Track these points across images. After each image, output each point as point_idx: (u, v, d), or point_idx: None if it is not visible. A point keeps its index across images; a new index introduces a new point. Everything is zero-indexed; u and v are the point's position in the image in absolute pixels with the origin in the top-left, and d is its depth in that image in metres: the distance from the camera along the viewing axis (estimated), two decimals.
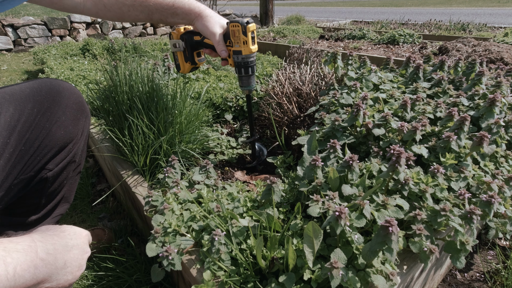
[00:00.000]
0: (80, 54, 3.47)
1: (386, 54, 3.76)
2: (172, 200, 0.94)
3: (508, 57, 2.61)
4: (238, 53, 1.06)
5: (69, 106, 0.86)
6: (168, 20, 1.04)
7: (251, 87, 1.16)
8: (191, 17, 1.04)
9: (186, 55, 1.14)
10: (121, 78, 1.29)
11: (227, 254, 0.77)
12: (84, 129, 0.92)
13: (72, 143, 0.88)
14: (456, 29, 5.81)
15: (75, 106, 0.88)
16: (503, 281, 1.03)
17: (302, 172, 0.93)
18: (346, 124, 1.12)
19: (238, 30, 1.02)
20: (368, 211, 0.73)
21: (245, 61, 1.08)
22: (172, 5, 1.01)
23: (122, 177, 1.21)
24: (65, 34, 5.75)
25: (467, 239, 0.76)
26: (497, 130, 1.04)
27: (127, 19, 1.01)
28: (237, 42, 1.04)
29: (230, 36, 1.04)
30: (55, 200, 0.94)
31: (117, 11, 0.98)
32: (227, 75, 2.17)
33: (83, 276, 1.15)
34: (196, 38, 1.10)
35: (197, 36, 1.09)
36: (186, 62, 1.16)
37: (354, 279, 0.66)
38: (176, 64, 1.17)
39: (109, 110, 1.32)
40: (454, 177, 0.91)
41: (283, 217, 0.89)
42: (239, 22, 1.01)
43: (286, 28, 5.70)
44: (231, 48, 1.06)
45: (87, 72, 2.55)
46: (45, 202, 0.92)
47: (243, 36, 1.03)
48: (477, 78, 1.32)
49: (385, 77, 1.43)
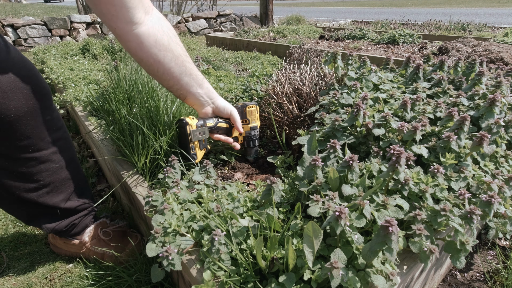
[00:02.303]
0: (80, 54, 3.47)
1: (386, 54, 3.76)
2: (172, 200, 0.94)
3: (508, 57, 2.61)
4: (255, 128, 1.31)
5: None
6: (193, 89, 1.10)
7: (254, 156, 1.37)
8: (207, 101, 1.16)
9: (203, 142, 1.18)
10: (121, 78, 1.29)
11: (227, 254, 0.77)
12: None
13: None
14: (456, 29, 5.81)
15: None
16: (503, 281, 1.03)
17: (302, 172, 0.93)
18: (346, 124, 1.12)
19: (255, 110, 1.30)
20: (368, 211, 0.73)
21: (253, 134, 1.31)
22: (202, 77, 1.12)
23: (122, 177, 1.21)
24: (65, 34, 5.75)
25: (467, 239, 0.76)
26: (497, 130, 1.04)
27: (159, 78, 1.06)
28: (254, 119, 1.30)
29: (246, 116, 1.28)
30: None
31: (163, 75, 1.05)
32: (227, 75, 2.17)
33: (83, 276, 1.15)
34: (209, 124, 1.18)
35: (210, 122, 1.19)
36: (201, 150, 1.19)
37: (354, 279, 0.66)
38: (192, 154, 1.16)
39: (109, 110, 1.32)
40: (454, 177, 0.91)
41: (283, 217, 0.89)
42: (255, 104, 1.30)
43: (286, 28, 5.70)
44: (248, 124, 1.30)
45: (87, 72, 2.55)
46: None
47: (257, 114, 1.32)
48: (477, 78, 1.32)
49: (385, 77, 1.43)
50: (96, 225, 1.22)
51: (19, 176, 0.96)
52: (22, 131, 0.89)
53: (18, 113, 0.86)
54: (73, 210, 1.12)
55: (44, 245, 1.31)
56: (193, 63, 1.10)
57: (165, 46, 0.99)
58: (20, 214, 1.10)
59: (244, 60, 3.29)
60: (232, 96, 1.81)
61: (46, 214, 1.09)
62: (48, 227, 1.10)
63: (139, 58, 0.99)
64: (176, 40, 1.03)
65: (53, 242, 1.25)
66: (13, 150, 0.91)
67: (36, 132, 0.93)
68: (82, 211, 1.16)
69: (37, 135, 0.94)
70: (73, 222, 1.14)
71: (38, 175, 0.98)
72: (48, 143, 0.98)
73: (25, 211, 1.07)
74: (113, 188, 1.36)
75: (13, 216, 1.12)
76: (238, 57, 3.42)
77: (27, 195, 1.00)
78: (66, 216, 1.12)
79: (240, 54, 3.55)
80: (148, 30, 0.94)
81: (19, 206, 1.04)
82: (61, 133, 1.03)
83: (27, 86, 0.88)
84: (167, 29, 1.00)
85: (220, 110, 1.19)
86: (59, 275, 1.17)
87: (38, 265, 1.21)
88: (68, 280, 1.15)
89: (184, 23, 7.54)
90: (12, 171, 0.95)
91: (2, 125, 0.85)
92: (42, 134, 0.95)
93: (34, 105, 0.90)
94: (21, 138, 0.90)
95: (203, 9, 9.31)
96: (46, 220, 1.10)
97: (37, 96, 0.91)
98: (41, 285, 1.14)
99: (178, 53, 1.03)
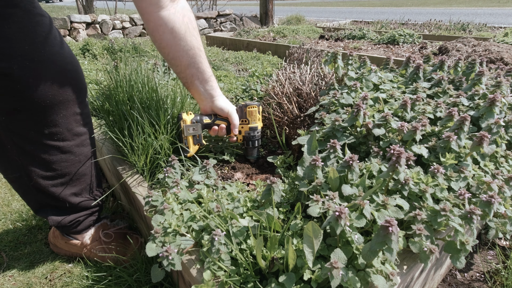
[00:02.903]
0: (80, 54, 3.47)
1: (386, 54, 3.76)
2: (172, 200, 0.94)
3: (508, 57, 2.61)
4: (255, 128, 1.29)
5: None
6: (196, 82, 1.14)
7: (257, 155, 1.36)
8: (210, 95, 1.18)
9: (197, 138, 1.21)
10: (121, 78, 1.29)
11: (227, 254, 0.77)
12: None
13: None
14: (456, 29, 5.81)
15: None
16: (503, 281, 1.03)
17: (302, 172, 0.93)
18: (346, 124, 1.12)
19: (255, 111, 1.27)
20: (368, 211, 0.73)
21: (257, 134, 1.30)
22: (210, 75, 1.16)
23: (122, 177, 1.21)
24: (65, 34, 5.75)
25: (467, 239, 0.76)
26: (497, 130, 1.04)
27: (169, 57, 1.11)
28: (254, 120, 1.28)
29: (246, 116, 1.26)
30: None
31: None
32: (227, 75, 2.17)
33: (83, 276, 1.15)
34: (206, 121, 1.21)
35: (207, 118, 1.22)
36: (195, 145, 1.22)
37: (354, 279, 0.66)
38: (185, 147, 1.19)
39: (109, 110, 1.32)
40: (454, 177, 0.91)
41: (283, 217, 0.89)
42: (256, 105, 1.27)
43: (286, 28, 5.70)
44: (248, 124, 1.28)
45: (87, 72, 2.55)
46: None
47: (258, 115, 1.29)
48: (477, 78, 1.32)
49: (385, 77, 1.43)
50: (97, 227, 1.23)
51: (40, 162, 1.00)
52: (52, 118, 0.95)
53: (53, 101, 0.93)
54: (81, 206, 1.13)
55: (44, 245, 1.31)
56: (207, 60, 1.15)
57: (181, 35, 1.04)
58: (31, 201, 1.12)
59: (244, 60, 3.29)
60: (232, 96, 1.81)
61: (54, 206, 1.11)
62: (54, 219, 1.11)
63: (154, 38, 1.07)
64: (194, 32, 1.08)
65: (53, 242, 1.25)
66: (40, 135, 0.96)
67: (65, 122, 0.98)
68: (89, 209, 1.17)
69: (65, 125, 0.99)
70: (78, 219, 1.15)
71: (57, 164, 1.02)
72: (73, 135, 1.02)
73: (37, 198, 1.10)
74: (112, 188, 1.36)
75: (25, 201, 1.15)
76: (238, 57, 3.42)
77: (42, 182, 1.03)
78: (73, 211, 1.13)
79: (240, 54, 3.55)
80: (168, 16, 1.01)
81: (33, 192, 1.07)
82: (87, 128, 1.08)
83: (68, 79, 0.95)
84: (187, 19, 1.06)
85: (218, 109, 1.21)
86: (59, 275, 1.17)
87: (38, 265, 1.21)
88: (68, 280, 1.15)
89: None
90: (35, 155, 0.99)
91: (38, 109, 0.91)
92: (70, 125, 1.00)
93: (69, 97, 0.96)
94: (50, 125, 0.96)
95: (203, 9, 9.32)
96: (53, 212, 1.12)
97: (74, 89, 0.98)
98: (41, 285, 1.14)
99: (192, 45, 1.08)
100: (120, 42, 3.68)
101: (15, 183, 1.08)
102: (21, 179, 1.04)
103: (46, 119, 0.94)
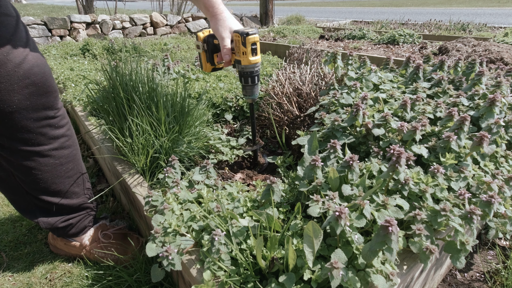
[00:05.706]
0: (80, 54, 3.47)
1: (386, 54, 3.76)
2: (172, 200, 0.94)
3: (508, 57, 2.61)
4: (238, 62, 1.09)
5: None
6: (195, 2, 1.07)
7: (254, 96, 1.18)
8: (208, 13, 1.07)
9: (207, 56, 1.18)
10: (121, 78, 1.29)
11: (227, 254, 0.77)
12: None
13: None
14: (456, 29, 5.81)
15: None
16: (503, 281, 1.03)
17: (302, 172, 0.93)
18: (346, 124, 1.12)
19: (238, 41, 1.05)
20: (368, 211, 0.73)
21: (245, 71, 1.10)
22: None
23: (122, 177, 1.21)
24: (65, 34, 5.74)
25: (467, 239, 0.76)
26: (497, 130, 1.04)
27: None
28: (238, 52, 1.07)
29: (246, 46, 1.05)
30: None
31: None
32: (227, 75, 2.17)
33: (83, 276, 1.15)
34: (215, 41, 1.13)
35: (216, 40, 1.12)
36: (207, 63, 1.20)
37: (354, 279, 0.66)
38: (200, 63, 1.22)
39: (109, 110, 1.32)
40: (454, 177, 0.91)
41: (283, 217, 0.89)
42: (239, 33, 1.03)
43: (286, 28, 5.70)
44: (234, 56, 1.10)
45: (87, 72, 2.55)
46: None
47: (243, 47, 1.05)
48: (477, 78, 1.32)
49: (385, 77, 1.43)
50: (96, 228, 1.22)
51: (19, 167, 0.99)
52: (23, 124, 0.92)
53: (20, 105, 0.90)
54: (69, 208, 1.12)
55: (44, 245, 1.31)
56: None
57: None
58: (19, 205, 1.12)
59: None
60: (232, 96, 1.81)
61: (42, 208, 1.10)
62: (44, 221, 1.11)
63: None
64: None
65: (53, 243, 1.25)
66: (14, 141, 0.94)
67: (37, 126, 0.95)
68: (80, 211, 1.16)
69: (38, 130, 0.96)
70: (70, 222, 1.14)
71: (37, 169, 1.01)
72: (49, 139, 1.00)
73: (23, 202, 1.10)
74: (111, 186, 1.36)
75: (14, 207, 1.15)
76: None
77: (25, 187, 1.04)
78: (61, 214, 1.13)
79: None
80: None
81: (19, 196, 1.08)
82: (63, 130, 1.05)
83: (34, 82, 0.91)
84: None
85: (214, 31, 1.10)
86: (59, 275, 1.17)
87: (37, 265, 1.21)
88: (68, 280, 1.15)
89: (184, 23, 7.54)
90: (13, 161, 0.98)
91: (4, 115, 0.88)
92: (43, 129, 0.97)
93: (37, 100, 0.93)
94: (21, 131, 0.93)
95: None
96: (42, 214, 1.11)
97: (42, 93, 0.94)
98: (41, 285, 1.14)
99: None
100: (120, 42, 3.68)
101: (3, 184, 1.08)
102: (8, 185, 1.05)
103: (16, 125, 0.91)
